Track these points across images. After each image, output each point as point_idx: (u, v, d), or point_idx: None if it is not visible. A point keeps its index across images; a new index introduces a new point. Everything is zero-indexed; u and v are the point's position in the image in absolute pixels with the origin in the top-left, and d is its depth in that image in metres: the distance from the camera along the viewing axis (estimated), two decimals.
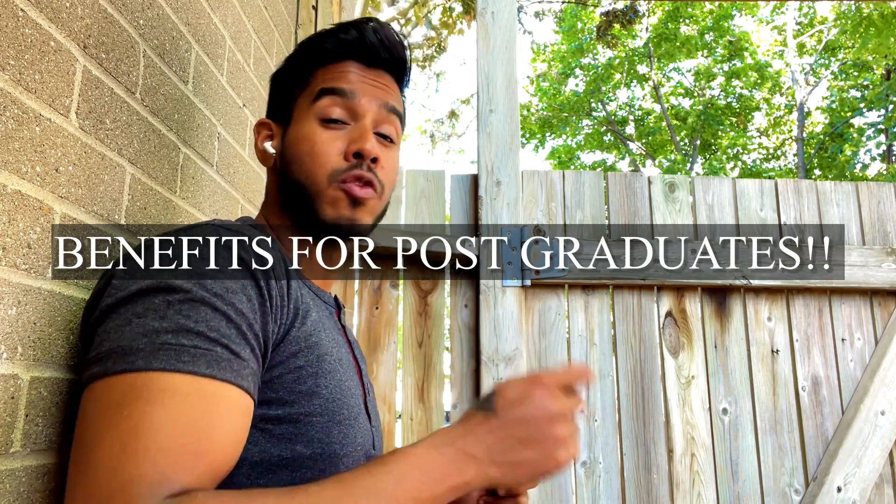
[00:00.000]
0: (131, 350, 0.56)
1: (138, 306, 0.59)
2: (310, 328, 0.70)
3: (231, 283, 0.61)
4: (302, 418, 0.66)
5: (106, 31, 0.80)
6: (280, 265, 0.69)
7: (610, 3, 10.25)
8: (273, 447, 0.65)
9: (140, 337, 0.56)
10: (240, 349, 0.59)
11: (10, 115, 0.63)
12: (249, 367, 0.60)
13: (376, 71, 0.84)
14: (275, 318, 0.65)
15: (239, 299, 0.61)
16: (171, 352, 0.56)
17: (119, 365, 0.55)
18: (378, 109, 0.82)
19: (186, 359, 0.56)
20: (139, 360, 0.55)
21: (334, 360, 0.72)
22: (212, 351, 0.57)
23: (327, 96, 0.80)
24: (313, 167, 0.78)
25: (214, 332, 0.58)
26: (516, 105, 1.90)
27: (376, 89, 0.83)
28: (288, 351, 0.66)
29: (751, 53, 12.54)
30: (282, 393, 0.65)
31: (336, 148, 0.79)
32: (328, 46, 0.83)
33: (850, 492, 1.74)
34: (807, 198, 1.96)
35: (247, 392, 0.60)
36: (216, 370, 0.57)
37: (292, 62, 0.87)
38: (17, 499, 0.63)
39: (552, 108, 13.59)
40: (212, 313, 0.58)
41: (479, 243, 1.77)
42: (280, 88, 0.88)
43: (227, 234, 0.66)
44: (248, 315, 0.61)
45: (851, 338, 1.88)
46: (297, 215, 0.80)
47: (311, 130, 0.79)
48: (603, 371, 1.80)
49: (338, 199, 0.78)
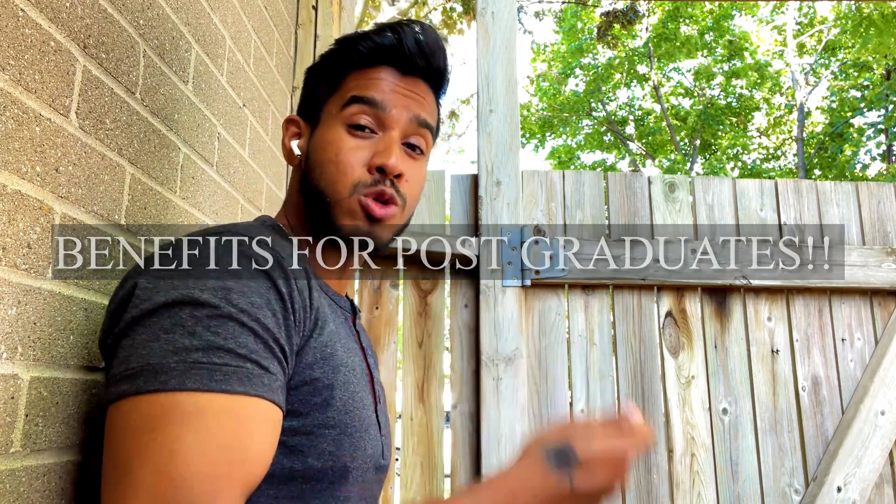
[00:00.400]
0: (163, 369, 0.56)
1: (165, 320, 0.58)
2: (326, 338, 0.70)
3: (256, 297, 0.61)
4: (315, 430, 0.66)
5: (106, 31, 0.80)
6: (301, 274, 0.68)
7: (610, 4, 10.25)
8: (285, 459, 0.64)
9: (170, 354, 0.56)
10: (268, 363, 0.60)
11: (10, 115, 0.63)
12: (278, 379, 0.61)
13: (412, 80, 0.81)
14: (297, 329, 0.65)
15: (264, 314, 0.61)
16: (204, 370, 0.56)
17: (151, 384, 0.55)
18: (408, 122, 0.79)
19: (219, 377, 0.56)
20: (172, 380, 0.55)
21: (349, 371, 0.72)
22: (242, 367, 0.58)
23: (357, 104, 0.78)
24: (336, 175, 0.76)
25: (243, 348, 0.58)
26: (516, 105, 1.90)
27: (409, 100, 0.80)
28: (305, 361, 0.66)
29: (751, 53, 12.54)
30: (296, 404, 0.65)
31: (361, 158, 0.77)
32: (363, 50, 0.80)
33: (850, 492, 1.74)
34: (807, 198, 1.96)
35: (277, 405, 0.60)
36: (248, 387, 0.57)
37: (326, 61, 0.84)
38: (17, 499, 0.63)
39: (552, 108, 13.59)
40: (239, 329, 0.59)
41: (479, 243, 1.77)
42: (312, 87, 0.85)
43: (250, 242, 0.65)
44: (273, 329, 0.61)
45: (851, 338, 1.88)
46: (316, 220, 0.79)
47: (338, 136, 0.78)
48: (603, 371, 1.80)
49: (355, 211, 0.76)
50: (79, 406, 0.73)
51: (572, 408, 1.79)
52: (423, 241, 1.76)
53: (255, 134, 1.42)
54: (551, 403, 1.77)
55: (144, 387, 0.55)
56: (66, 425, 0.71)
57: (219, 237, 0.65)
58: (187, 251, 0.64)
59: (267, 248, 0.66)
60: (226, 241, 0.64)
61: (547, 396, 1.77)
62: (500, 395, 1.69)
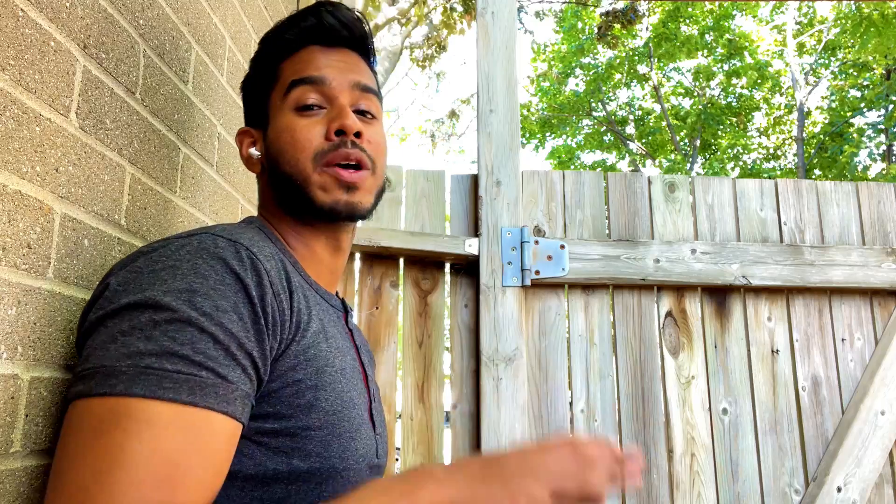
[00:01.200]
0: (113, 372, 0.55)
1: (124, 323, 0.57)
2: (310, 340, 0.69)
3: (222, 301, 0.59)
4: (299, 432, 0.65)
5: (106, 31, 0.80)
6: (280, 276, 0.67)
7: (610, 3, 10.25)
8: (269, 461, 0.64)
9: (124, 358, 0.55)
10: (227, 371, 0.58)
11: (10, 115, 0.63)
12: (239, 389, 0.59)
13: (341, 51, 0.84)
14: (273, 333, 0.64)
15: (229, 318, 0.59)
16: (154, 377, 0.55)
17: (100, 387, 0.55)
18: (351, 89, 0.81)
19: (168, 385, 0.55)
20: (120, 384, 0.54)
21: (336, 372, 0.71)
22: (196, 376, 0.56)
23: (298, 86, 0.80)
24: (297, 154, 0.77)
25: (200, 354, 0.57)
26: (516, 105, 1.90)
27: (344, 70, 0.82)
28: (286, 365, 0.65)
29: (751, 53, 12.54)
30: (279, 407, 0.64)
31: (317, 132, 0.78)
32: (289, 37, 0.83)
33: (850, 492, 1.74)
34: (807, 198, 1.96)
35: (232, 416, 0.58)
36: (198, 397, 0.55)
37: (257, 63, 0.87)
38: (17, 499, 0.63)
39: (552, 108, 13.59)
40: (198, 335, 0.57)
41: (479, 243, 1.77)
42: (252, 93, 0.87)
43: (226, 244, 0.64)
44: (239, 334, 0.60)
45: (851, 338, 1.88)
46: (294, 208, 0.79)
47: (289, 121, 0.79)
48: (603, 371, 1.80)
49: (327, 184, 0.76)
50: None
51: (572, 408, 1.79)
52: (424, 241, 1.76)
53: None
54: (551, 403, 1.77)
55: (95, 389, 0.55)
56: None
57: (195, 237, 0.65)
58: (161, 251, 0.63)
59: (243, 248, 0.64)
60: (201, 242, 0.63)
61: (547, 396, 1.77)
62: (500, 395, 1.69)
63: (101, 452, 0.52)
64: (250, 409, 0.62)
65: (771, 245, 1.86)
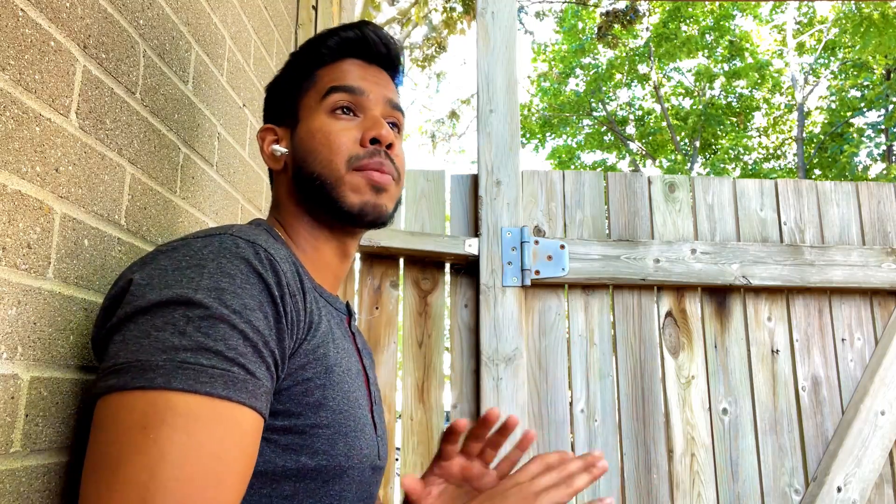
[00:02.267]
0: (150, 366, 0.56)
1: (157, 319, 0.58)
2: (319, 340, 0.70)
3: (249, 299, 0.61)
4: (308, 430, 0.66)
5: (106, 31, 0.80)
6: (295, 278, 0.68)
7: (610, 3, 10.24)
8: (278, 458, 0.65)
9: (159, 353, 0.56)
10: (255, 368, 0.59)
11: (10, 115, 0.63)
12: (264, 386, 0.61)
13: (375, 68, 0.87)
14: (291, 333, 0.65)
15: (256, 316, 0.61)
16: (191, 371, 0.56)
17: (138, 381, 0.55)
18: (385, 104, 0.85)
19: (205, 379, 0.56)
20: (158, 378, 0.55)
21: (343, 372, 0.72)
22: (229, 371, 0.57)
23: (337, 93, 0.82)
24: (331, 155, 0.79)
25: (232, 350, 0.58)
26: (516, 105, 1.90)
27: (379, 86, 0.85)
28: (297, 363, 0.66)
29: (751, 53, 12.54)
30: (289, 405, 0.65)
31: (351, 136, 0.80)
32: (331, 45, 0.85)
33: (850, 492, 1.74)
34: (807, 198, 1.96)
35: (260, 413, 0.60)
36: (232, 391, 0.57)
37: (294, 65, 0.88)
38: (17, 499, 0.63)
39: (552, 107, 13.59)
40: (230, 331, 0.58)
41: (479, 243, 1.77)
42: (282, 92, 0.88)
43: (246, 244, 0.65)
44: (265, 332, 0.61)
45: (851, 338, 1.88)
46: (318, 208, 0.80)
47: (324, 122, 0.81)
48: (603, 371, 1.80)
49: (359, 184, 0.79)
50: (79, 406, 0.73)
51: (572, 408, 1.79)
52: (424, 241, 1.76)
53: (255, 134, 1.42)
54: (551, 403, 1.77)
55: (132, 383, 0.55)
56: (66, 425, 0.71)
57: (216, 238, 0.65)
58: (184, 251, 0.64)
59: (262, 250, 0.66)
60: (222, 243, 0.64)
61: (547, 396, 1.77)
62: (500, 395, 1.69)
63: (153, 450, 0.53)
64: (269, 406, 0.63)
65: (771, 245, 1.86)
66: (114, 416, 0.55)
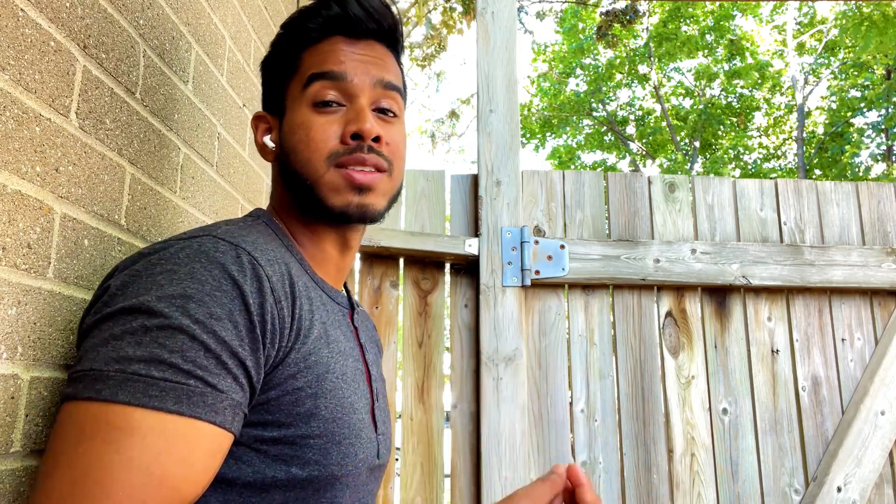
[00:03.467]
0: (101, 376, 0.55)
1: (117, 327, 0.57)
2: (310, 347, 0.68)
3: (217, 308, 0.58)
4: (298, 440, 0.65)
5: (106, 31, 0.80)
6: (283, 282, 0.66)
7: (610, 3, 10.24)
8: (268, 468, 0.63)
9: (112, 362, 0.55)
10: (217, 381, 0.57)
11: (10, 115, 0.63)
12: (229, 398, 0.58)
13: (367, 43, 0.80)
14: (272, 341, 0.63)
15: (223, 326, 0.58)
16: (140, 384, 0.54)
17: (87, 391, 0.54)
18: (373, 86, 0.78)
19: (154, 393, 0.54)
20: (106, 390, 0.54)
21: (336, 377, 0.70)
22: (184, 384, 0.55)
23: (318, 81, 0.76)
24: (309, 153, 0.74)
25: (189, 363, 0.56)
26: (516, 105, 1.90)
27: (368, 65, 0.78)
28: (286, 373, 0.64)
29: (751, 53, 12.54)
30: (278, 415, 0.64)
31: (332, 132, 0.75)
32: (312, 26, 0.79)
33: (850, 492, 1.74)
34: (807, 198, 1.96)
35: (220, 426, 0.57)
36: (184, 406, 0.55)
37: (278, 47, 0.83)
38: (17, 499, 0.63)
39: (552, 108, 13.59)
40: (189, 342, 0.56)
41: (479, 243, 1.77)
42: (270, 77, 0.84)
43: (227, 247, 0.63)
44: (232, 343, 0.59)
45: (851, 338, 1.88)
46: (304, 206, 0.77)
47: (305, 118, 0.76)
48: (603, 371, 1.80)
49: (338, 184, 0.74)
50: None
51: (572, 408, 1.79)
52: (424, 241, 1.76)
53: None
54: (551, 403, 1.77)
55: (82, 393, 0.55)
56: None
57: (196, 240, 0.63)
58: (161, 254, 0.62)
59: (245, 253, 0.63)
60: (201, 246, 0.62)
61: (547, 396, 1.77)
62: (500, 395, 1.69)
63: (79, 462, 0.52)
64: (242, 417, 0.61)
65: (771, 245, 1.86)
66: (59, 426, 0.55)
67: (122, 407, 0.53)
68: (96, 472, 0.52)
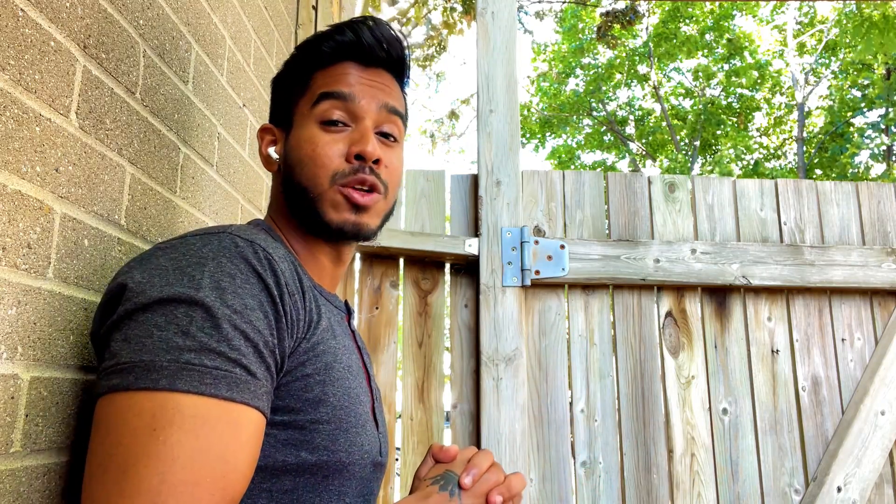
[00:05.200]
0: (154, 366, 0.56)
1: (159, 317, 0.58)
2: (319, 337, 0.70)
3: (249, 299, 0.61)
4: (308, 425, 0.67)
5: (106, 31, 0.80)
6: (294, 277, 0.69)
7: (610, 3, 10.24)
8: (277, 453, 0.65)
9: (163, 353, 0.56)
10: (256, 368, 0.60)
11: (10, 115, 0.63)
12: (264, 386, 0.61)
13: (375, 70, 0.84)
14: (290, 332, 0.65)
15: (257, 317, 0.61)
16: (195, 373, 0.56)
17: (142, 381, 0.55)
18: (378, 110, 0.82)
19: (209, 381, 0.56)
20: (163, 380, 0.55)
21: (343, 368, 0.73)
22: (232, 372, 0.58)
23: (327, 100, 0.80)
24: (315, 169, 0.78)
25: (235, 351, 0.58)
26: (516, 105, 1.90)
27: (375, 90, 0.83)
28: (296, 360, 0.67)
29: (751, 53, 12.54)
30: (288, 400, 0.66)
31: (337, 150, 0.79)
32: (325, 49, 0.83)
33: (850, 492, 1.74)
34: (807, 198, 1.96)
35: (262, 412, 0.60)
36: (236, 392, 0.57)
37: (291, 66, 0.87)
38: (17, 499, 0.63)
39: (552, 107, 13.59)
40: (232, 332, 0.59)
41: (479, 243, 1.77)
42: (281, 93, 0.88)
43: (245, 244, 0.65)
44: (265, 333, 0.61)
45: (851, 338, 1.88)
46: (303, 219, 0.80)
47: (312, 134, 0.80)
48: (603, 371, 1.80)
49: (338, 202, 0.78)
50: (79, 406, 0.73)
51: (572, 408, 1.79)
52: (424, 241, 1.76)
53: (255, 134, 1.42)
54: (551, 403, 1.77)
55: (136, 383, 0.55)
56: (66, 425, 0.71)
57: (214, 236, 0.65)
58: (182, 249, 0.64)
59: (260, 249, 0.66)
60: (221, 241, 0.65)
61: (547, 396, 1.77)
62: (499, 395, 1.69)
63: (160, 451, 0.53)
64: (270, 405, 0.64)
65: (771, 245, 1.86)
66: (120, 417, 0.55)
67: (183, 395, 0.55)
68: (183, 459, 0.53)
